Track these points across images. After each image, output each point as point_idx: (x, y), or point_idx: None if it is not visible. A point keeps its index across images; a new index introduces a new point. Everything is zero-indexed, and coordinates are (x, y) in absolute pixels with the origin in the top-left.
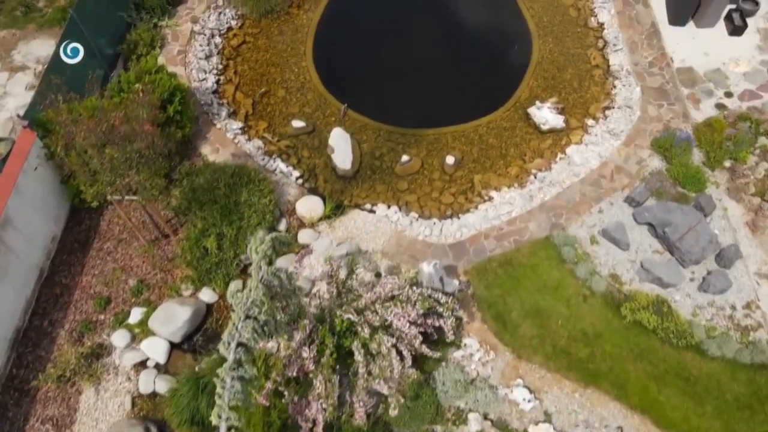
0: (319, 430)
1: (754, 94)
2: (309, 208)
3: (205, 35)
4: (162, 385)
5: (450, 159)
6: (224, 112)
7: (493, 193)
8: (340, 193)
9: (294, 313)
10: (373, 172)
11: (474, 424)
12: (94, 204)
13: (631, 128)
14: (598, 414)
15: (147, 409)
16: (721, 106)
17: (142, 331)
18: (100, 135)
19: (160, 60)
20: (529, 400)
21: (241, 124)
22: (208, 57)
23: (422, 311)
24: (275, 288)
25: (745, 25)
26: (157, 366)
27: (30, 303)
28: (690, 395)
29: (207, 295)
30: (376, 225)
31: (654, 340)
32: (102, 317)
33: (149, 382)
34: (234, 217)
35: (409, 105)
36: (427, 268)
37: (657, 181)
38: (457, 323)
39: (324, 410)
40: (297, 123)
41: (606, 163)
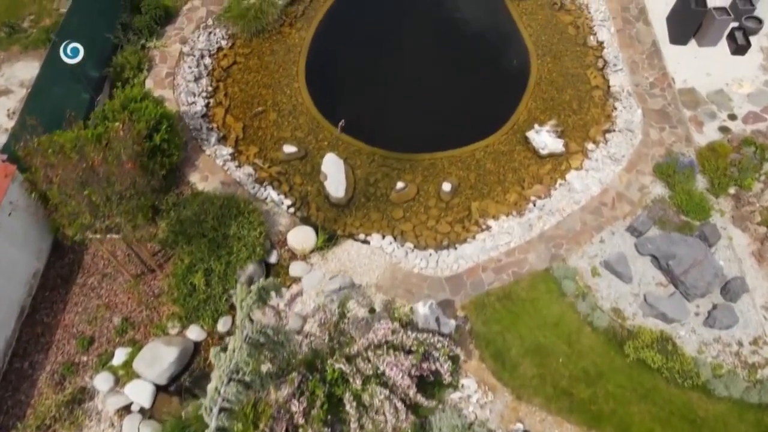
0: None
1: (759, 116)
2: (301, 239)
3: (195, 56)
4: None
5: (446, 186)
6: (214, 137)
7: (491, 222)
8: (334, 221)
9: (283, 364)
10: (367, 199)
11: None
12: (77, 238)
13: (633, 153)
14: None
15: None
16: (724, 129)
17: (126, 373)
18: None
19: (148, 83)
20: None
21: (231, 149)
22: (197, 79)
23: (416, 362)
24: (262, 343)
25: (748, 44)
26: (141, 411)
27: (10, 344)
28: None
29: (195, 333)
30: (370, 257)
31: (659, 379)
32: (85, 358)
33: (133, 428)
34: (223, 252)
35: (404, 128)
36: (422, 309)
37: (660, 209)
38: (454, 364)
39: None
40: (289, 148)
41: (607, 189)
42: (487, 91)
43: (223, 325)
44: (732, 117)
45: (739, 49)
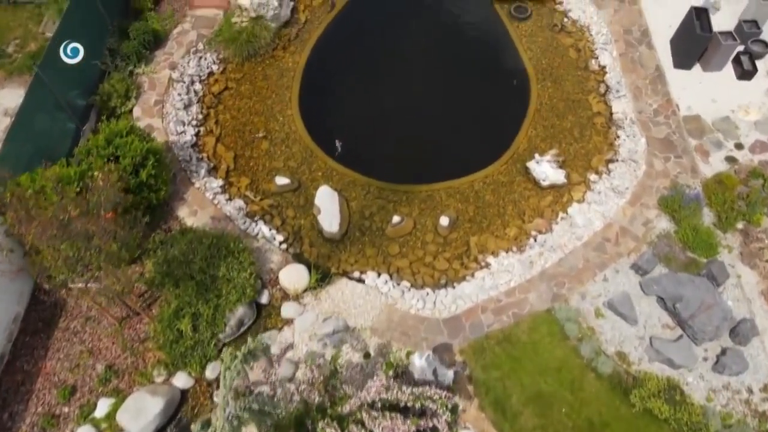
0: None
1: (766, 145)
2: (293, 278)
3: (184, 82)
4: None
5: (444, 220)
6: (204, 168)
7: (491, 259)
8: (327, 258)
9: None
10: (362, 233)
11: None
12: (57, 286)
13: (637, 184)
14: None
15: None
16: (731, 160)
17: (109, 426)
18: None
19: (136, 111)
20: None
21: (221, 182)
22: (187, 106)
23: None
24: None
25: (754, 69)
26: None
27: None
28: None
29: (182, 380)
30: (365, 297)
31: (666, 431)
32: (66, 409)
33: None
34: (211, 295)
35: (400, 157)
36: (419, 361)
37: (665, 245)
38: (453, 414)
39: None
40: (281, 180)
41: (610, 224)
42: (486, 117)
43: (211, 371)
44: (739, 146)
45: (746, 74)
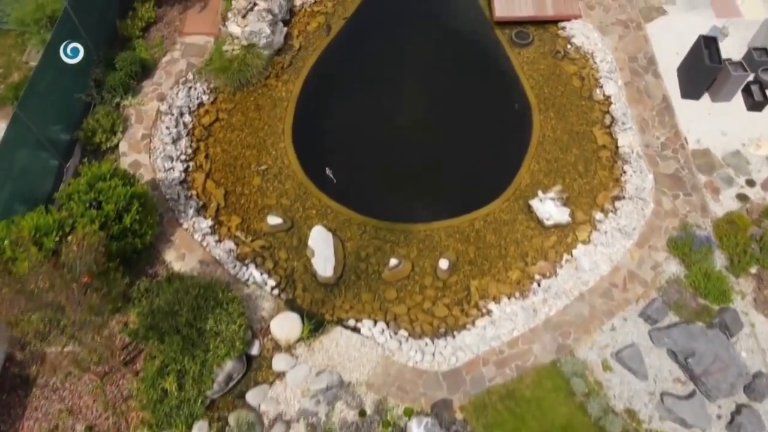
0: None
1: None
2: (285, 328)
3: (173, 114)
4: None
5: (443, 263)
6: (192, 207)
7: (492, 306)
8: (321, 303)
9: None
10: (358, 277)
11: None
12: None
13: (644, 224)
14: None
15: None
16: (743, 197)
17: None
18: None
19: (122, 146)
20: None
21: (210, 222)
22: (175, 140)
23: None
24: None
25: (765, 100)
26: None
27: None
28: None
29: None
30: (361, 350)
31: None
32: None
33: None
34: (198, 351)
35: (398, 193)
36: (417, 429)
37: (675, 291)
38: None
39: None
40: (273, 220)
41: (617, 268)
42: (486, 150)
43: (198, 430)
44: (750, 183)
45: (756, 105)
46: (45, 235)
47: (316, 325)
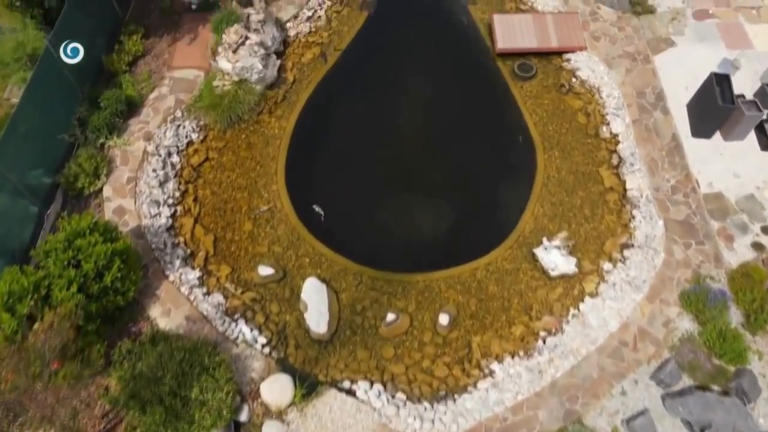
0: None
1: None
2: (276, 392)
3: (160, 155)
4: None
5: (444, 318)
6: (179, 257)
7: (495, 366)
8: (315, 362)
9: None
10: (353, 332)
11: None
12: None
13: (655, 276)
14: None
15: None
16: (758, 246)
17: None
18: None
19: (106, 190)
20: None
21: (198, 273)
22: (162, 183)
23: None
24: None
25: None
26: None
27: None
28: None
29: None
30: (356, 416)
31: None
32: None
33: None
34: (182, 423)
35: (396, 241)
36: None
37: (689, 351)
38: None
39: None
40: (264, 270)
41: (627, 324)
42: (488, 193)
43: None
44: (766, 230)
45: None
46: (19, 299)
47: (309, 389)
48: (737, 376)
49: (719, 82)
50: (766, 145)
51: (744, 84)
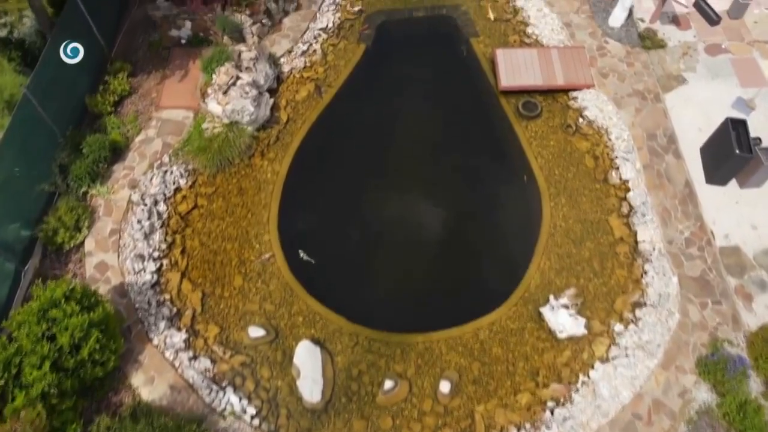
0: None
1: None
2: None
3: (146, 205)
4: None
5: (445, 385)
6: (165, 317)
7: None
8: None
9: None
10: (349, 399)
11: None
12: None
13: (669, 340)
14: None
15: None
16: None
17: None
18: None
19: (88, 243)
20: None
21: (185, 334)
22: (148, 235)
23: None
24: None
25: None
26: None
27: None
28: None
29: None
30: None
31: None
32: None
33: None
34: None
35: (394, 297)
36: None
37: (707, 425)
38: None
39: None
40: (255, 332)
41: (641, 395)
42: (492, 245)
43: None
44: None
45: None
46: None
47: None
48: None
49: (735, 127)
50: None
51: (760, 125)
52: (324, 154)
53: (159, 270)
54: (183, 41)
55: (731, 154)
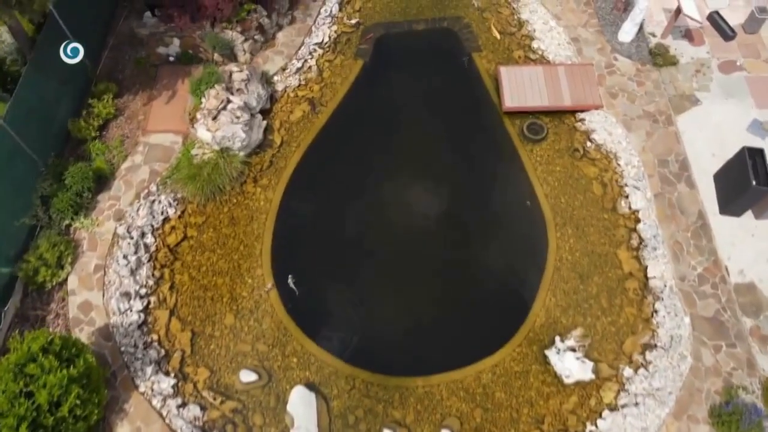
0: None
1: None
2: None
3: (132, 238)
4: None
5: None
6: (152, 360)
7: None
8: None
9: None
10: None
11: None
12: None
13: (681, 386)
14: None
15: None
16: None
17: None
18: None
19: (72, 281)
20: None
21: (173, 379)
22: (135, 270)
23: None
24: None
25: None
26: None
27: None
28: None
29: None
30: None
31: None
32: None
33: None
34: None
35: (392, 338)
36: None
37: None
38: None
39: None
40: (247, 376)
41: None
42: (495, 280)
43: None
44: None
45: None
46: None
47: None
48: None
49: (752, 156)
50: None
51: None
52: (319, 180)
53: (146, 308)
54: (171, 58)
55: (747, 185)
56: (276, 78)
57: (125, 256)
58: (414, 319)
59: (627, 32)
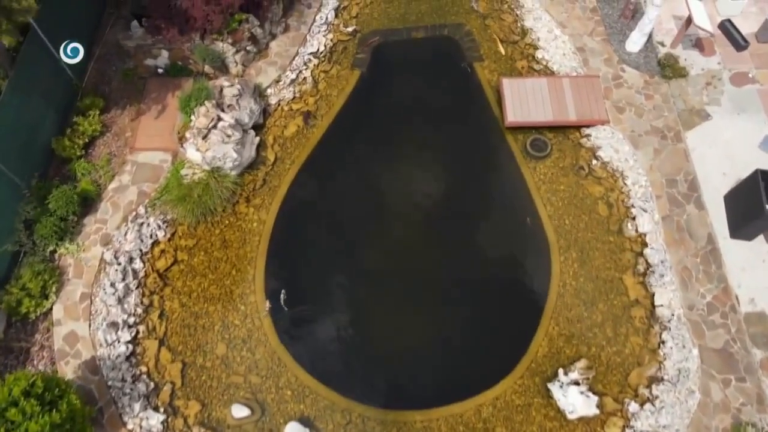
0: None
1: None
2: None
3: (120, 264)
4: None
5: None
6: (140, 395)
7: None
8: None
9: None
10: None
11: None
12: None
13: (689, 423)
14: None
15: None
16: None
17: None
18: None
19: (57, 311)
20: None
21: (162, 415)
22: (122, 299)
23: None
24: None
25: None
26: None
27: None
28: None
29: None
30: None
31: None
32: None
33: None
34: None
35: (390, 368)
36: None
37: None
38: None
39: None
40: (240, 411)
41: None
42: (496, 308)
43: None
44: None
45: None
46: None
47: None
48: None
49: (765, 178)
50: None
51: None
52: (314, 199)
53: (135, 338)
54: (160, 71)
55: (760, 211)
56: (269, 91)
57: (113, 284)
58: (412, 349)
59: (635, 42)
